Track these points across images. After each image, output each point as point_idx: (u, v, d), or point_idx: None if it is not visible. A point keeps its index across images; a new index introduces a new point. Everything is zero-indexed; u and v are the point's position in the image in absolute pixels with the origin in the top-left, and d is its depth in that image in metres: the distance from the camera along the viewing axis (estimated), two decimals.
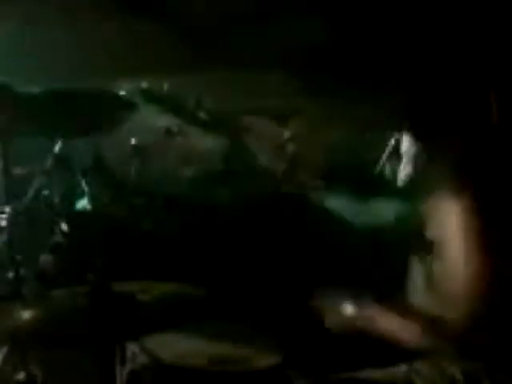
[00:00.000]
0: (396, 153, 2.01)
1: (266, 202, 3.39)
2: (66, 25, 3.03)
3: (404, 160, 1.94)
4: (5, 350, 2.58)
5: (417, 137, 1.93)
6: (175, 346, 1.93)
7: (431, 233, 1.77)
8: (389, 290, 1.93)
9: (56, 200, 2.98)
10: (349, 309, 1.81)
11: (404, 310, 1.71)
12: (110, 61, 3.26)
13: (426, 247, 1.80)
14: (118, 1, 2.85)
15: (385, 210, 2.12)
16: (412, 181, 1.91)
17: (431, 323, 1.65)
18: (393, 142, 2.03)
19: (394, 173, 1.99)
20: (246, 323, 2.10)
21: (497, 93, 1.83)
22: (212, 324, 1.97)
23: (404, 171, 1.92)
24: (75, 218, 2.99)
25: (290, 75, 3.34)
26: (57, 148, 2.97)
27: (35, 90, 2.74)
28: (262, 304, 2.65)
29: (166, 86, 3.31)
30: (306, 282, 2.93)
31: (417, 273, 1.88)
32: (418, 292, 1.84)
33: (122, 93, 3.20)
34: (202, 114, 3.33)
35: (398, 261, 1.93)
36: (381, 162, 2.03)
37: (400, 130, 2.00)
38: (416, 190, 1.90)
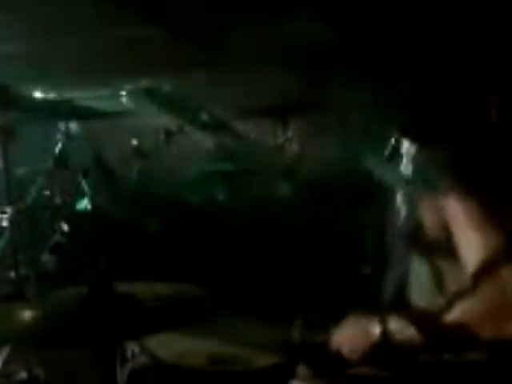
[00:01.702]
0: (396, 153, 2.01)
1: (265, 203, 3.40)
2: (68, 28, 3.04)
3: (404, 161, 1.94)
4: (7, 350, 2.59)
5: (415, 138, 1.94)
6: (176, 346, 1.93)
7: (432, 232, 1.77)
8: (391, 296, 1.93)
9: (57, 200, 2.99)
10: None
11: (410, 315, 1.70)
12: (111, 62, 3.27)
13: (426, 247, 1.81)
14: (118, 4, 2.85)
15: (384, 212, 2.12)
16: (412, 181, 1.92)
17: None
18: (393, 142, 2.03)
19: (395, 174, 1.99)
20: (246, 323, 2.10)
21: (497, 93, 1.83)
22: (212, 324, 1.97)
23: (404, 172, 1.92)
24: (76, 218, 2.99)
25: (290, 76, 3.35)
26: (57, 149, 2.98)
27: (36, 91, 2.76)
28: (263, 303, 2.66)
29: (165, 87, 3.31)
30: (306, 282, 2.94)
31: (418, 274, 1.88)
32: (421, 293, 1.84)
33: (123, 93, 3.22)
34: (202, 115, 3.34)
35: (400, 263, 1.94)
36: (380, 165, 2.03)
37: (399, 130, 2.00)
38: (416, 190, 1.90)
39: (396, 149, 2.02)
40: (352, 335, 1.75)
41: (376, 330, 1.67)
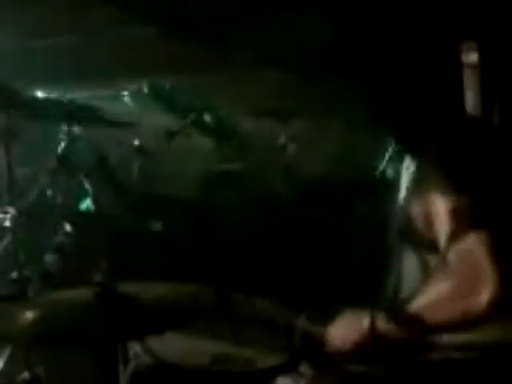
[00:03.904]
0: (398, 154, 2.02)
1: (267, 203, 3.40)
2: (69, 28, 3.05)
3: (406, 161, 1.95)
4: (9, 349, 2.59)
5: (411, 138, 1.94)
6: (178, 346, 1.93)
7: (428, 231, 1.78)
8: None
9: (59, 200, 2.99)
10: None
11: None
12: (113, 62, 3.27)
13: (423, 246, 1.82)
14: (120, 5, 2.86)
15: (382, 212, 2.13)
16: (412, 181, 1.92)
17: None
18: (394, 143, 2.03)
19: (397, 174, 1.99)
20: (250, 322, 2.10)
21: (498, 92, 1.84)
22: (215, 324, 1.98)
23: (407, 172, 1.93)
24: (78, 218, 3.00)
25: (290, 76, 3.35)
26: (60, 148, 2.98)
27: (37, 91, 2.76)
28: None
29: (167, 87, 3.32)
30: (307, 281, 2.94)
31: (409, 268, 1.89)
32: (411, 286, 1.85)
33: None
34: (204, 115, 3.34)
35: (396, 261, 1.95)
36: (382, 165, 2.04)
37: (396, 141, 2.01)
38: (415, 189, 1.90)
39: (398, 149, 2.02)
40: (343, 328, 1.79)
41: (365, 322, 1.71)
